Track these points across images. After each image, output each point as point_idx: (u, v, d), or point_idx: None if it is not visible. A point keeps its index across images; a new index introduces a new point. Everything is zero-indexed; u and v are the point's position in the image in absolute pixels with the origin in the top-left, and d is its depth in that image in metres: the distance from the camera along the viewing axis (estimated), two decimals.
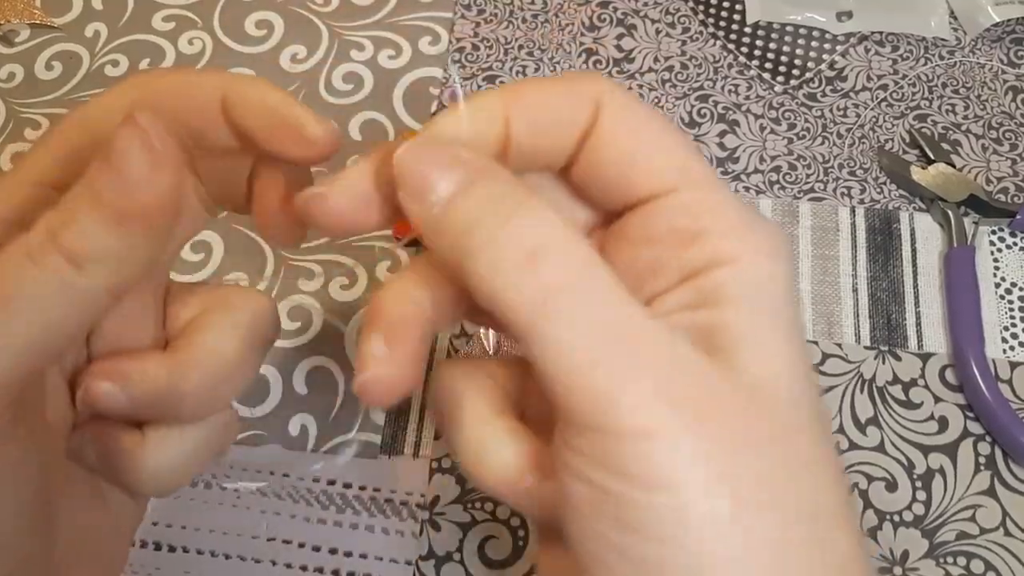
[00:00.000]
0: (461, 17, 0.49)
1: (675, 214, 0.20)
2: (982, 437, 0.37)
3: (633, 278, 0.21)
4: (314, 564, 0.36)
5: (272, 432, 0.38)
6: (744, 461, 0.17)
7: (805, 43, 0.48)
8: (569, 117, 0.21)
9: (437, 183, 0.19)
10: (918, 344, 0.40)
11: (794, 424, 0.19)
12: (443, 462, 0.38)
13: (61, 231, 0.19)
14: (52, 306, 0.19)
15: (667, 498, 0.17)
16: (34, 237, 0.19)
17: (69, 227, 0.19)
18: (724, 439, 0.17)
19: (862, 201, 0.43)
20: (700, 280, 0.20)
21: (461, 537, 0.36)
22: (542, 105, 0.21)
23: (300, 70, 0.47)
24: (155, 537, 0.36)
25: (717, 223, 0.20)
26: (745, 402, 0.18)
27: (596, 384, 0.17)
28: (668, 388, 0.18)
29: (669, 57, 0.47)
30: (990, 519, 0.36)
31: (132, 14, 0.49)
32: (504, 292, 0.18)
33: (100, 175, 0.19)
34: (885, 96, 0.46)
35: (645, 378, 0.17)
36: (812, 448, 0.19)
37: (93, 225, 0.19)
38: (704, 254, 0.20)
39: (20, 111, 0.46)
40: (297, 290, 0.41)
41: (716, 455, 0.17)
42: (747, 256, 0.19)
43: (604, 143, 0.21)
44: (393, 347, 0.19)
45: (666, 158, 0.20)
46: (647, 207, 0.21)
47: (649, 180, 0.20)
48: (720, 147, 0.45)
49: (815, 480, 0.18)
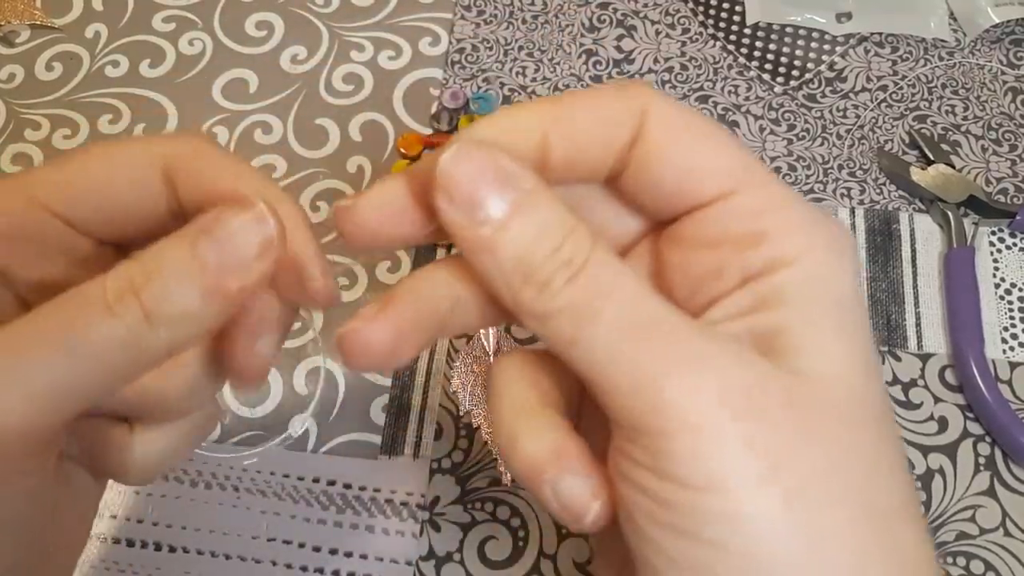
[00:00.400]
0: (461, 18, 0.49)
1: (735, 217, 0.20)
2: (982, 437, 0.37)
3: (690, 282, 0.21)
4: (314, 564, 0.36)
5: (272, 432, 0.38)
6: (799, 457, 0.17)
7: (805, 44, 0.48)
8: (610, 135, 0.20)
9: (486, 202, 0.19)
10: (918, 344, 0.40)
11: (856, 421, 0.18)
12: (443, 462, 0.38)
13: (145, 287, 0.19)
14: (116, 357, 0.19)
15: (716, 498, 0.17)
16: (113, 285, 0.19)
17: (153, 285, 0.19)
18: (776, 435, 0.17)
19: (862, 202, 0.43)
20: (760, 283, 0.19)
21: (461, 537, 0.36)
22: (582, 124, 0.20)
23: (300, 71, 0.47)
24: (155, 537, 0.36)
25: (778, 224, 0.20)
26: (800, 400, 0.18)
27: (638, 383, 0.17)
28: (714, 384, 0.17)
29: (669, 58, 0.47)
30: (990, 519, 0.36)
31: (132, 15, 0.49)
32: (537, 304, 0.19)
33: (208, 248, 0.19)
34: (885, 97, 0.46)
35: (688, 374, 0.17)
36: (876, 445, 0.18)
37: (180, 289, 0.19)
38: (765, 256, 0.19)
39: (20, 112, 0.46)
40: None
41: (768, 450, 0.17)
42: (808, 255, 0.19)
43: (655, 153, 0.20)
44: (386, 314, 0.20)
45: (722, 162, 0.20)
46: (705, 211, 0.20)
47: (707, 185, 0.20)
48: None
49: (879, 477, 0.18)
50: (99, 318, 0.19)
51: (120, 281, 0.19)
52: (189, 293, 0.19)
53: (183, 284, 0.19)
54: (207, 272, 0.19)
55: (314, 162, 0.45)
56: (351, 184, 0.44)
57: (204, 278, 0.19)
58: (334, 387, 0.39)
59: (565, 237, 0.19)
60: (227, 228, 0.20)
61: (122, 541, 0.36)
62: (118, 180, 0.22)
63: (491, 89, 0.46)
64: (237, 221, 0.20)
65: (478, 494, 0.37)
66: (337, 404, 0.39)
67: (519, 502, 0.37)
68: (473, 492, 0.37)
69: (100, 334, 0.19)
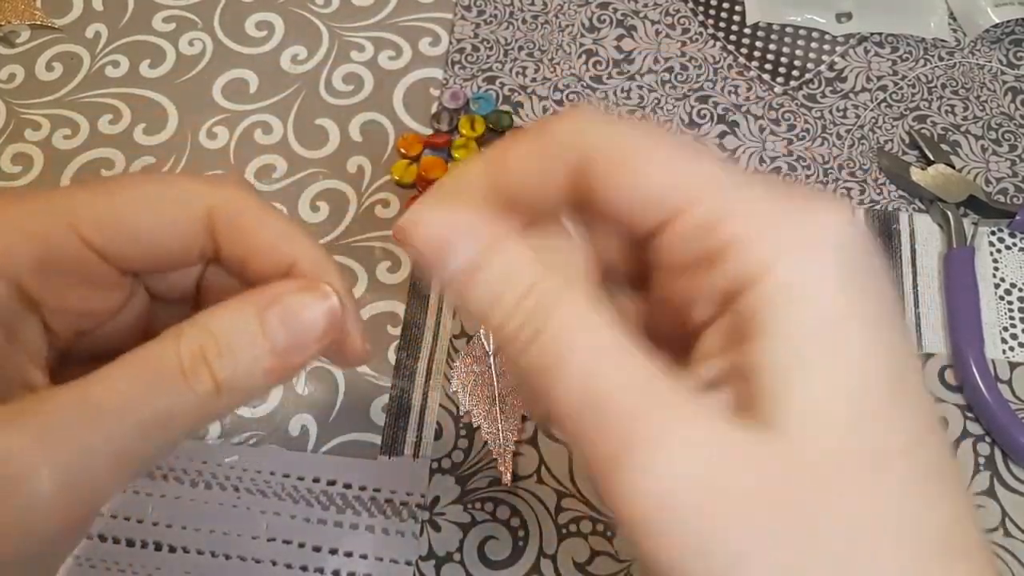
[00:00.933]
0: (461, 18, 0.49)
1: (692, 234, 0.18)
2: (981, 438, 0.37)
3: (673, 314, 0.19)
4: (314, 564, 0.36)
5: (272, 432, 0.38)
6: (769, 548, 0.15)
7: (805, 44, 0.48)
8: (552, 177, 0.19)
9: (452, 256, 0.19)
10: (918, 345, 0.40)
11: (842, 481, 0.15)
12: (443, 462, 0.38)
13: (217, 361, 0.20)
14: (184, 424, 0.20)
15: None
16: (187, 354, 0.20)
17: (225, 360, 0.20)
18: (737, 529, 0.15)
19: (862, 202, 0.43)
20: (738, 305, 0.17)
21: (461, 537, 0.36)
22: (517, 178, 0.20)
23: (300, 71, 0.47)
24: (155, 537, 0.36)
25: (738, 231, 0.17)
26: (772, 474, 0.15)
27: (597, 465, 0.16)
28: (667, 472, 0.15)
29: (669, 58, 0.47)
30: (990, 519, 0.36)
31: (132, 15, 0.49)
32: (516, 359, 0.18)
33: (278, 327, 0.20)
34: (885, 97, 0.46)
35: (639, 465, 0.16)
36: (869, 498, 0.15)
37: (250, 367, 0.20)
38: (730, 274, 0.17)
39: (21, 112, 0.46)
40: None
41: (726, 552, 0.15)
42: (778, 263, 0.16)
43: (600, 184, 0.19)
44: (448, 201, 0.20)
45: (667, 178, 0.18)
46: (666, 234, 0.18)
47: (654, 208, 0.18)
48: (720, 148, 0.45)
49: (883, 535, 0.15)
50: (176, 389, 0.19)
51: (193, 349, 0.20)
52: (257, 370, 0.20)
53: (253, 362, 0.20)
54: (276, 353, 0.20)
55: (314, 162, 0.45)
56: (351, 184, 0.44)
57: (272, 359, 0.20)
58: (334, 387, 0.39)
59: (530, 287, 0.18)
60: (296, 308, 0.21)
61: (122, 541, 0.36)
62: (161, 223, 0.22)
63: (491, 89, 0.46)
64: (306, 302, 0.21)
65: (478, 494, 0.37)
66: (337, 404, 0.39)
67: (519, 502, 0.37)
68: (473, 492, 0.37)
69: (177, 405, 0.19)
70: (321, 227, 0.43)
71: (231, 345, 0.20)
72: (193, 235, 0.22)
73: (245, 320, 0.20)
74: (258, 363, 0.20)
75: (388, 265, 0.42)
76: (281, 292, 0.21)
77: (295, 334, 0.21)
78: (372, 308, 0.41)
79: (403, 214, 0.20)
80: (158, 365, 0.19)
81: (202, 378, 0.19)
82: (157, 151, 0.45)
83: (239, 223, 0.22)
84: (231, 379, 0.20)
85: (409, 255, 0.20)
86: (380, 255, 0.42)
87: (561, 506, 0.37)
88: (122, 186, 0.22)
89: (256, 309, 0.20)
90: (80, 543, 0.21)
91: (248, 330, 0.20)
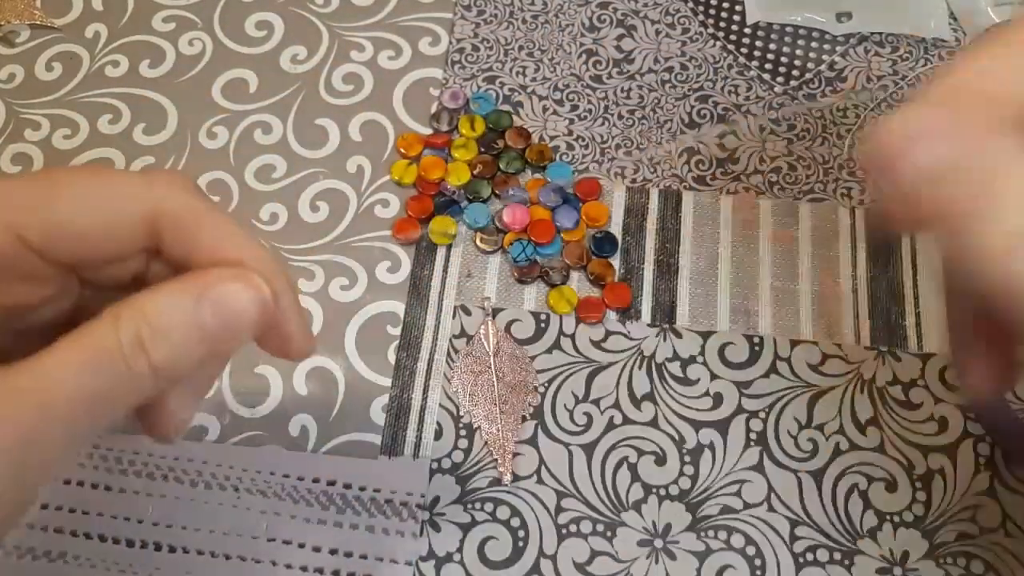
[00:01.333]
0: (461, 18, 0.49)
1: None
2: (982, 438, 0.37)
3: None
4: (314, 564, 0.36)
5: (272, 432, 0.38)
6: None
7: (805, 44, 0.48)
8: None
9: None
10: (918, 344, 0.40)
11: None
12: (443, 462, 0.38)
13: (152, 344, 0.21)
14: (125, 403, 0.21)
15: None
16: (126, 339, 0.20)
17: (160, 343, 0.21)
18: None
19: (862, 202, 0.43)
20: None
21: (461, 537, 0.36)
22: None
23: (300, 71, 0.47)
24: (155, 537, 0.36)
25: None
26: None
27: None
28: None
29: (669, 58, 0.47)
30: (990, 519, 0.36)
31: (132, 15, 0.49)
32: None
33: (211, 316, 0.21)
34: (885, 97, 0.46)
35: None
36: None
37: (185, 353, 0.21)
38: None
39: (20, 112, 0.46)
40: (297, 290, 0.41)
41: None
42: None
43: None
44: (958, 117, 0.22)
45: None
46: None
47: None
48: (720, 148, 0.45)
49: None
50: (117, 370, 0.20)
51: (131, 333, 0.21)
52: (190, 354, 0.21)
53: (186, 346, 0.21)
54: (207, 339, 0.21)
55: (314, 162, 0.45)
56: (351, 184, 0.44)
57: (204, 344, 0.21)
58: (334, 387, 0.39)
59: None
60: (228, 297, 0.22)
61: (122, 541, 0.36)
62: (101, 223, 0.23)
63: (491, 89, 0.46)
64: (238, 291, 0.22)
65: (478, 494, 0.37)
66: (337, 404, 0.39)
67: (519, 502, 0.37)
68: (473, 492, 0.37)
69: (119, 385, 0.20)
70: (321, 227, 0.43)
71: (166, 330, 0.21)
72: (134, 235, 0.23)
73: (180, 306, 0.21)
74: (191, 348, 0.21)
75: (388, 265, 0.42)
76: (215, 280, 0.22)
77: (226, 321, 0.22)
78: (372, 308, 0.41)
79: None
80: (100, 346, 0.20)
81: (139, 361, 0.20)
82: (157, 151, 0.45)
83: (183, 224, 0.23)
84: (165, 362, 0.21)
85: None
86: (380, 255, 0.42)
87: (561, 506, 0.37)
88: (62, 184, 0.23)
89: (191, 295, 0.21)
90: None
91: (183, 316, 0.21)
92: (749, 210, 0.43)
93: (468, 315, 0.41)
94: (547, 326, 0.40)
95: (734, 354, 0.40)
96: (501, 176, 0.44)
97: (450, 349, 0.40)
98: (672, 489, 0.37)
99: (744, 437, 0.38)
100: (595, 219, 0.42)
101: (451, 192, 0.43)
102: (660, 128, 0.45)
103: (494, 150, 0.44)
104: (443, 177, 0.43)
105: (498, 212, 0.43)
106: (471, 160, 0.44)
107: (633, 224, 0.43)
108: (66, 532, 0.36)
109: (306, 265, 0.42)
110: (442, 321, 0.41)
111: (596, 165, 0.44)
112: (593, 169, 0.44)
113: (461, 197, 0.43)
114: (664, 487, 0.37)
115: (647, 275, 0.41)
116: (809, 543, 0.36)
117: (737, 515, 0.36)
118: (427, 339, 0.40)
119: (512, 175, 0.44)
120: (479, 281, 0.41)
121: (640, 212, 0.43)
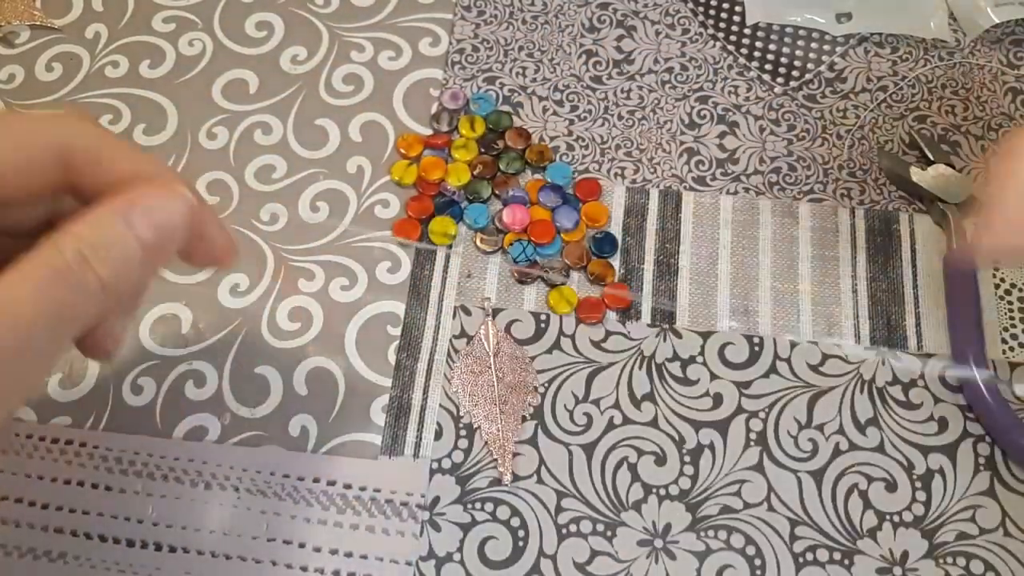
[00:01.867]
0: (461, 18, 0.49)
1: None
2: (982, 438, 0.37)
3: None
4: (314, 564, 0.36)
5: (272, 432, 0.38)
6: None
7: (805, 44, 0.48)
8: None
9: None
10: (918, 344, 0.40)
11: None
12: (443, 462, 0.38)
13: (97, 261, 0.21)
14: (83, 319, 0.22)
15: None
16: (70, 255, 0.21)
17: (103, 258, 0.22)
18: None
19: (862, 202, 0.43)
20: None
21: (461, 537, 0.36)
22: None
23: (300, 71, 0.47)
24: (155, 537, 0.36)
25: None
26: None
27: None
28: None
29: (669, 58, 0.47)
30: (990, 520, 0.36)
31: (132, 15, 0.49)
32: None
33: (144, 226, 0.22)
34: (885, 97, 0.46)
35: None
36: None
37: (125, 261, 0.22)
38: None
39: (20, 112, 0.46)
40: (297, 290, 0.41)
41: None
42: None
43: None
44: None
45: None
46: None
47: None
48: (720, 148, 0.45)
49: None
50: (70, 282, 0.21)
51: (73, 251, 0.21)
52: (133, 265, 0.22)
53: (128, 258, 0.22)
54: (146, 247, 0.22)
55: (314, 162, 0.45)
56: (351, 184, 0.44)
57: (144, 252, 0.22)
58: (334, 387, 0.39)
59: None
60: (157, 205, 0.23)
61: (122, 541, 0.36)
62: (13, 160, 0.24)
63: (491, 89, 0.46)
64: (164, 198, 0.23)
65: (478, 494, 0.37)
66: (337, 404, 0.39)
67: (519, 502, 0.37)
68: (473, 492, 0.37)
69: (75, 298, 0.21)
70: (321, 227, 0.43)
71: (106, 246, 0.22)
72: (48, 170, 0.24)
73: (112, 223, 0.22)
74: (132, 258, 0.22)
75: (388, 265, 0.42)
76: (139, 194, 0.23)
77: (160, 229, 0.23)
78: (372, 308, 0.41)
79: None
80: (50, 265, 0.21)
81: (88, 276, 0.21)
82: (157, 151, 0.45)
83: (96, 154, 0.24)
84: (111, 276, 0.22)
85: None
86: (380, 255, 0.42)
87: (561, 506, 0.37)
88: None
89: (119, 213, 0.22)
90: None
91: (117, 230, 0.22)
92: (749, 210, 0.43)
93: (468, 315, 0.41)
94: (547, 326, 0.40)
95: (734, 354, 0.40)
96: (501, 176, 0.44)
97: (450, 349, 0.40)
98: (672, 489, 0.37)
99: (744, 437, 0.38)
100: (595, 219, 0.43)
101: (451, 192, 0.43)
102: (660, 128, 0.45)
103: (494, 150, 0.44)
104: (443, 178, 0.43)
105: (498, 212, 0.43)
106: (471, 160, 0.44)
107: (633, 224, 0.43)
108: (66, 532, 0.36)
109: (306, 265, 0.42)
110: (442, 321, 0.41)
111: (596, 165, 0.44)
112: (593, 169, 0.44)
113: (461, 197, 0.43)
114: (664, 487, 0.37)
115: (647, 275, 0.41)
116: (809, 543, 0.36)
117: (737, 515, 0.36)
118: (427, 339, 0.40)
119: (512, 175, 0.44)
120: (479, 281, 0.41)
121: (640, 212, 0.43)
